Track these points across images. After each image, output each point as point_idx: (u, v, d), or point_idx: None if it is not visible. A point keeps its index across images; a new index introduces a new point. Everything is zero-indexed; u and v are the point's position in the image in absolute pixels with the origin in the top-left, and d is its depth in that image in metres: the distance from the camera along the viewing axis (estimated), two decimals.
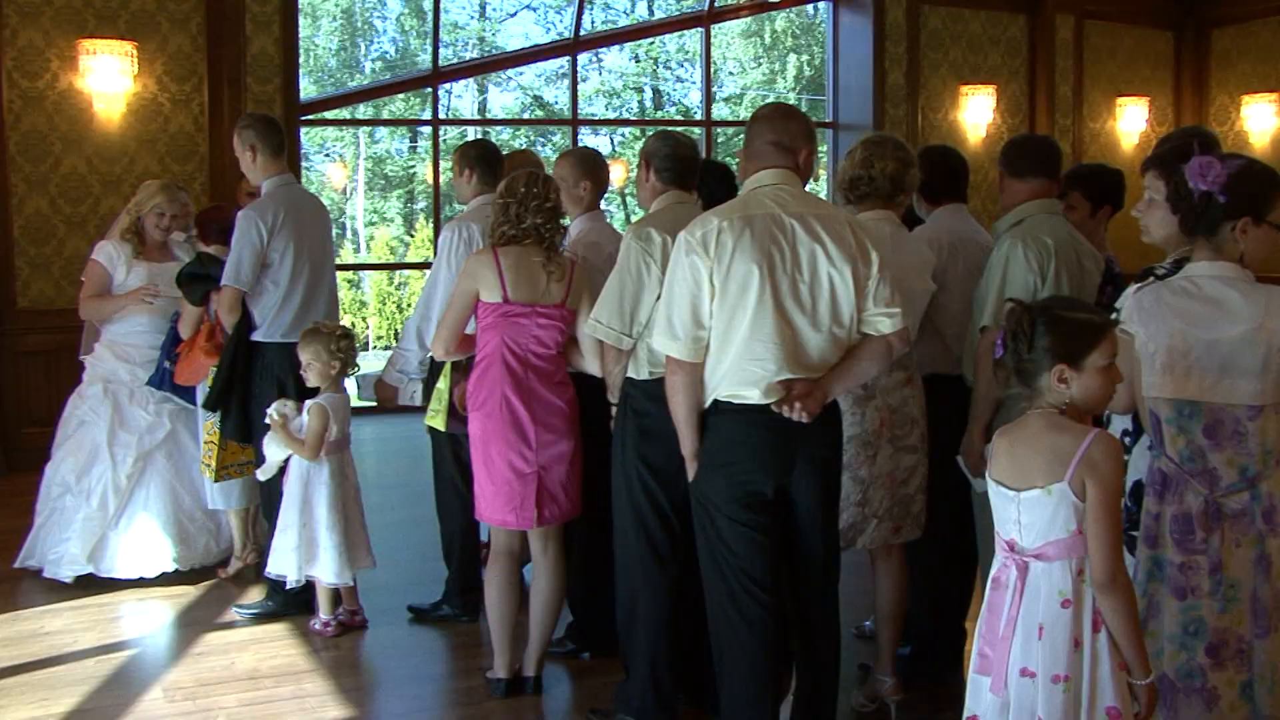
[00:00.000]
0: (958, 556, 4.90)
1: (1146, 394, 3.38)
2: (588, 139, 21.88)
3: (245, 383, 5.77)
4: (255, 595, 5.99)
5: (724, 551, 3.77)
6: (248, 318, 5.75)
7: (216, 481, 6.14)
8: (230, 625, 5.70)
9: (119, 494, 6.22)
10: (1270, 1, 12.33)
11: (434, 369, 5.56)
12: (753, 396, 3.69)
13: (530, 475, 4.62)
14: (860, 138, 4.59)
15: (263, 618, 5.74)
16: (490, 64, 18.34)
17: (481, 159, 5.81)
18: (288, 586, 5.53)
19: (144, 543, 6.23)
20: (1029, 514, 2.95)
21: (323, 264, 5.93)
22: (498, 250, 4.63)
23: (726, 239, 3.64)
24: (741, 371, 3.68)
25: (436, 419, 4.96)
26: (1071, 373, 2.93)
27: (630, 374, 4.36)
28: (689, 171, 4.55)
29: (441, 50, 12.34)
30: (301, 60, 10.77)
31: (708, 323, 3.69)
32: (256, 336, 5.76)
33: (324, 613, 5.55)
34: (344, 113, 13.58)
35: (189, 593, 6.15)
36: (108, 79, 9.20)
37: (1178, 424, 3.34)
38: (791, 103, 19.00)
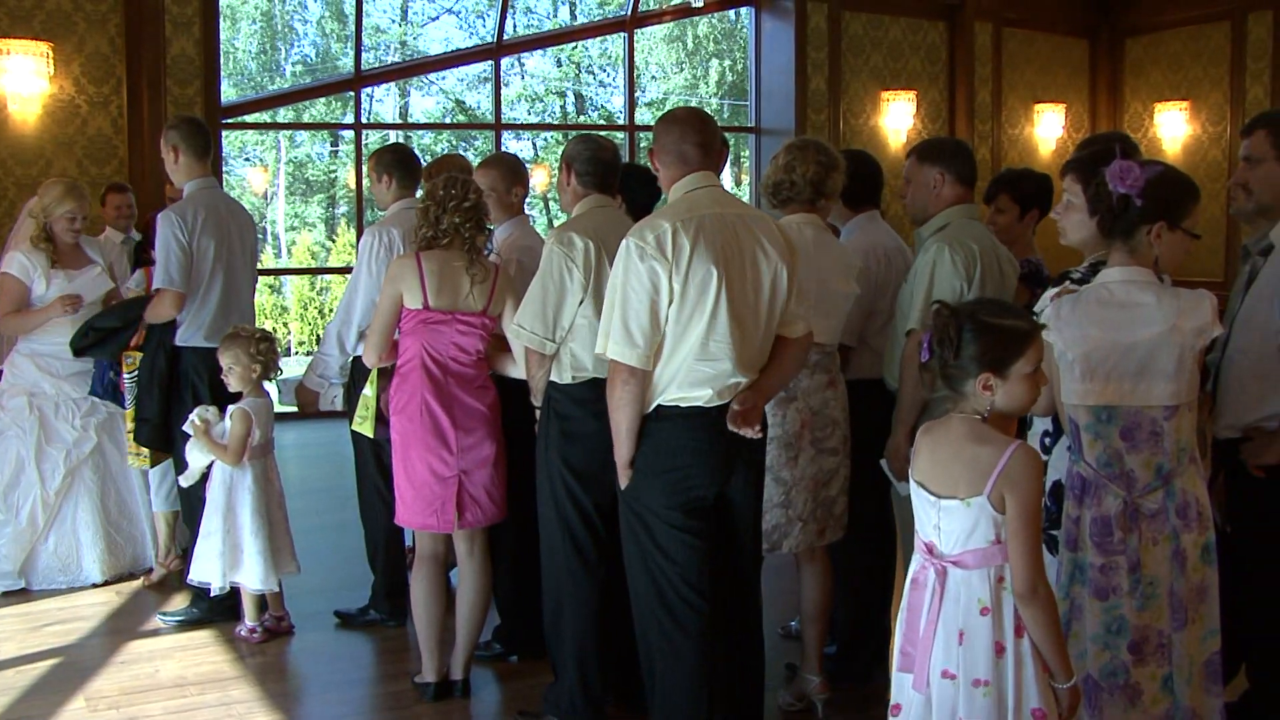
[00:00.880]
0: (880, 556, 4.96)
1: (1066, 401, 3.45)
2: (510, 144, 21.81)
3: (165, 388, 5.70)
4: (179, 602, 5.92)
5: (660, 560, 3.77)
6: (170, 321, 5.68)
7: (152, 468, 6.08)
8: (154, 633, 5.63)
9: (47, 509, 6.18)
10: (1180, 13, 12.62)
11: (355, 374, 5.54)
12: (703, 398, 3.70)
13: (451, 479, 4.62)
14: (787, 142, 4.64)
15: (187, 625, 5.67)
16: (412, 68, 18.17)
17: (398, 163, 5.78)
18: (212, 593, 5.48)
19: (73, 556, 6.21)
20: (948, 521, 2.97)
21: (241, 270, 5.86)
22: (420, 255, 4.63)
23: (683, 241, 3.63)
24: (693, 373, 3.68)
25: (364, 425, 4.95)
26: (997, 380, 2.92)
27: (553, 378, 4.36)
28: (610, 175, 4.54)
29: (363, 54, 12.25)
30: (221, 63, 10.65)
31: (663, 327, 3.68)
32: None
33: (250, 619, 5.50)
34: (264, 116, 13.39)
35: (112, 601, 6.07)
36: (23, 80, 9.07)
37: (1095, 430, 3.41)
38: (714, 108, 18.98)
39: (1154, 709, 3.37)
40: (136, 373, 5.85)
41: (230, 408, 5.42)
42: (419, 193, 5.61)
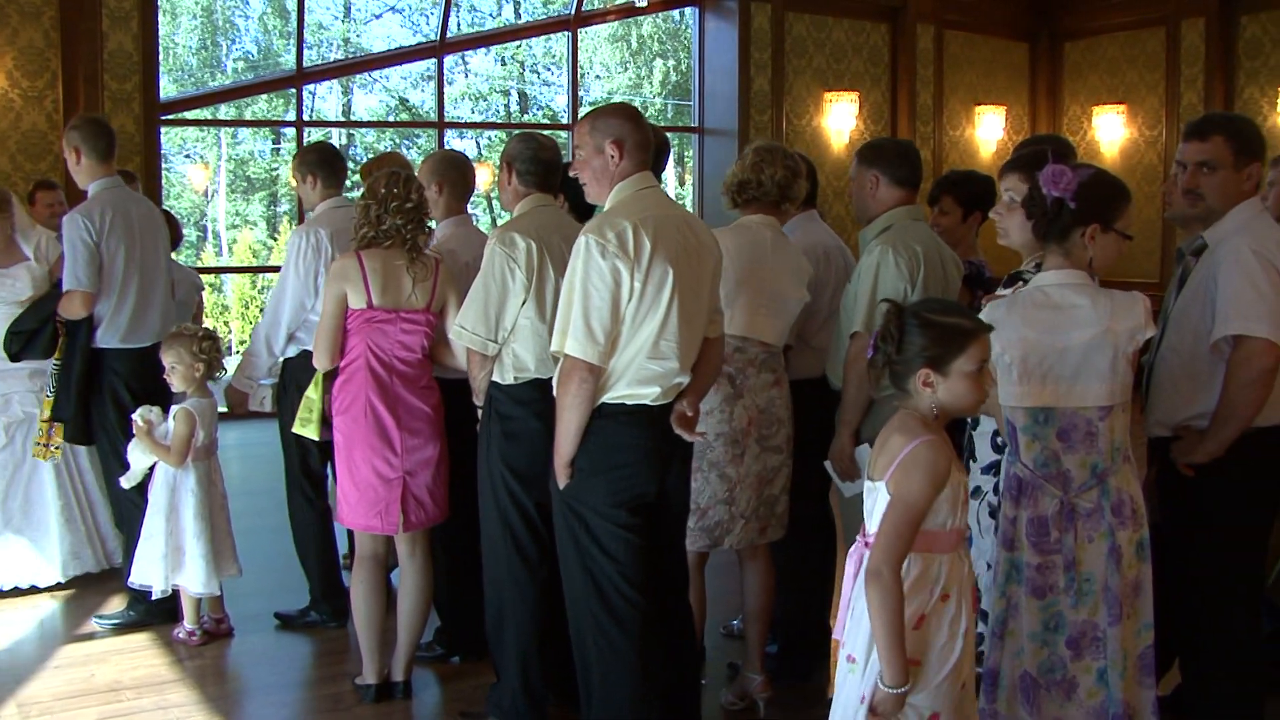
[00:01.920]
0: (822, 555, 4.99)
1: (1003, 403, 3.49)
2: (454, 142, 21.72)
3: (84, 387, 5.63)
4: (116, 605, 5.84)
5: (599, 558, 3.77)
6: (87, 321, 5.60)
7: (44, 460, 5.97)
8: (90, 637, 5.55)
9: None
10: (1117, 18, 12.78)
11: (285, 375, 5.52)
12: (650, 396, 3.72)
13: (395, 480, 4.60)
14: (754, 144, 4.66)
15: (124, 628, 5.60)
16: (355, 65, 18.02)
17: (322, 162, 5.71)
18: (153, 596, 5.41)
19: None
20: (869, 503, 3.04)
21: (155, 269, 5.78)
22: (361, 254, 4.60)
23: (644, 240, 3.64)
24: (643, 371, 3.70)
25: (308, 428, 4.90)
26: (936, 377, 2.95)
27: (495, 378, 4.35)
28: (551, 174, 4.52)
29: (305, 51, 12.15)
30: (161, 58, 10.53)
31: (621, 325, 3.69)
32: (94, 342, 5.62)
33: (189, 621, 5.44)
34: (205, 113, 13.26)
35: (44, 604, 5.98)
36: None
37: (1032, 431, 3.45)
38: (658, 108, 18.88)
39: (1090, 702, 3.43)
40: (59, 362, 5.74)
41: (174, 408, 5.36)
42: (353, 192, 5.57)
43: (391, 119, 22.81)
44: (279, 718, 4.75)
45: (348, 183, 5.84)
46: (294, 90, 12.56)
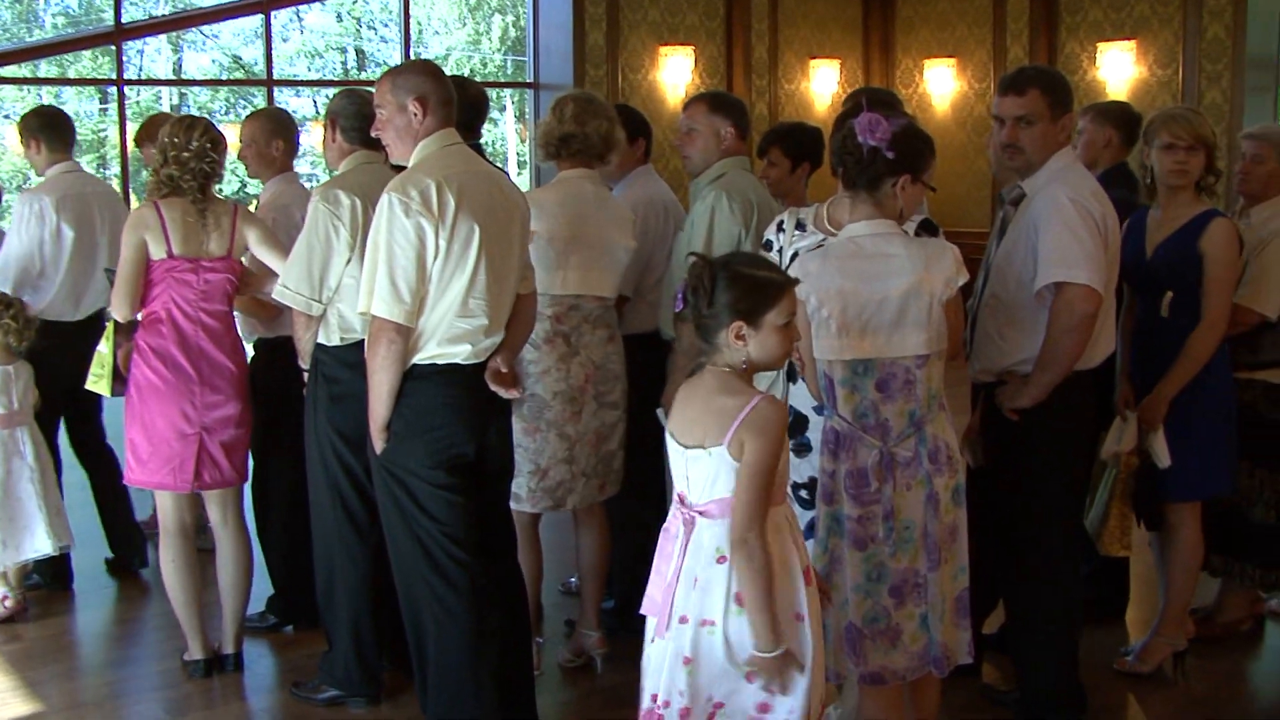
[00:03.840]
0: (657, 510, 4.99)
1: (820, 357, 3.49)
2: (290, 100, 21.21)
3: None
4: None
5: (422, 520, 3.72)
6: None
7: None
8: None
9: None
10: None
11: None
12: (461, 355, 3.68)
13: (191, 436, 4.49)
14: (567, 95, 4.56)
15: None
16: (178, 21, 17.34)
17: (44, 126, 5.59)
18: None
19: None
20: (694, 471, 2.98)
21: None
22: (159, 203, 4.48)
23: (447, 197, 3.59)
24: (453, 329, 3.65)
25: (100, 384, 4.73)
26: (749, 330, 2.92)
27: (320, 340, 4.26)
28: None
29: (131, 8, 11.67)
30: None
31: (427, 284, 3.63)
32: None
33: None
34: (25, 70, 12.67)
35: None
36: None
37: (851, 384, 3.46)
38: (497, 64, 18.58)
39: (913, 647, 3.48)
40: None
41: None
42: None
43: (225, 78, 22.16)
44: (103, 698, 4.60)
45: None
46: (114, 47, 12.06)
